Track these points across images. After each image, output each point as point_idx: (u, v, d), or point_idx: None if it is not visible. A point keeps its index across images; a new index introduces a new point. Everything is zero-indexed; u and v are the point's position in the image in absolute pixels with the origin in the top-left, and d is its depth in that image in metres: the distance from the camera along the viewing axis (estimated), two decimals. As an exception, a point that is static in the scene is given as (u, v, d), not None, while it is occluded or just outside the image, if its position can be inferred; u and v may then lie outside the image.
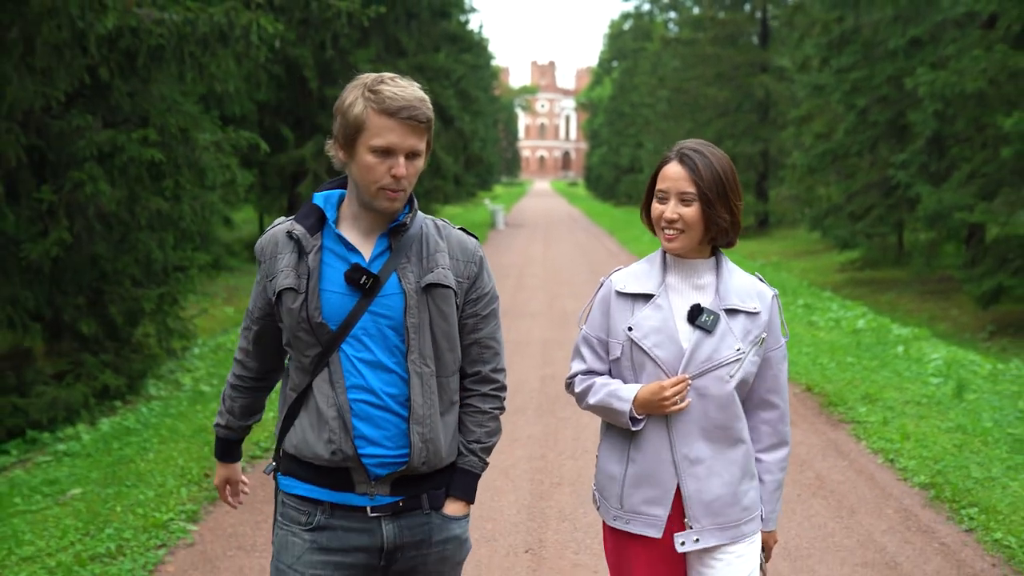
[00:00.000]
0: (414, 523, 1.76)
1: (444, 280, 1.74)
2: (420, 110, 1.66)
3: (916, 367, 7.22)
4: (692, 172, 1.81)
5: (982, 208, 11.69)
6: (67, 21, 4.78)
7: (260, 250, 1.80)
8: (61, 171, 5.86)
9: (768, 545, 1.99)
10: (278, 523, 1.79)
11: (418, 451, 1.72)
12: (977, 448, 5.02)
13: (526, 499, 4.20)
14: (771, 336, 1.90)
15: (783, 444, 1.96)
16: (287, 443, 1.76)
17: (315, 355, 1.71)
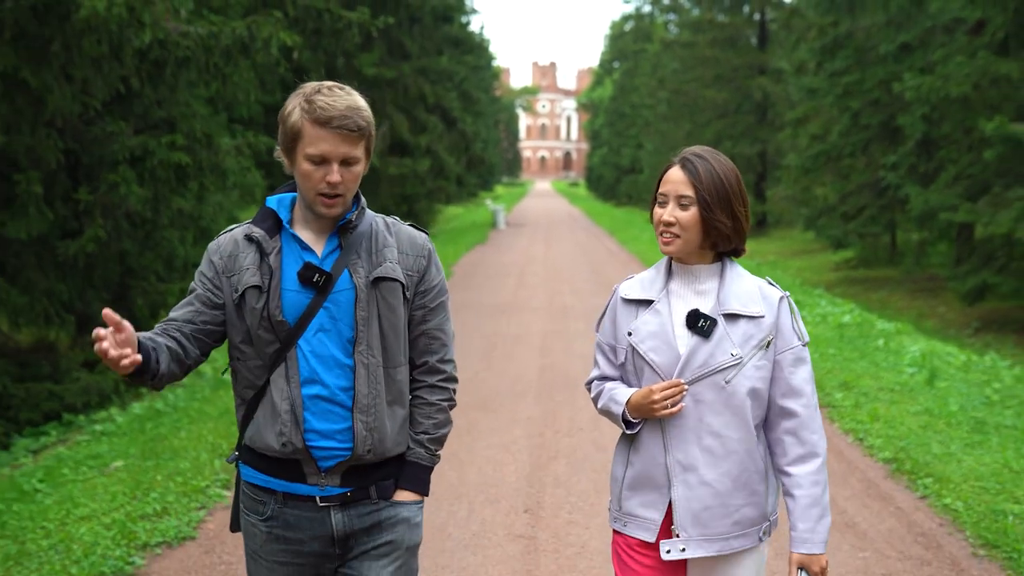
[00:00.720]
0: (363, 511, 1.82)
1: (392, 274, 1.81)
2: (352, 119, 1.71)
3: (894, 358, 7.67)
4: (692, 176, 1.83)
5: (966, 208, 12.12)
6: (107, 36, 5.24)
7: (217, 249, 1.83)
8: (94, 174, 6.32)
9: (812, 570, 1.86)
10: (242, 511, 1.88)
11: (362, 439, 1.77)
12: (940, 428, 5.46)
13: (525, 469, 4.66)
14: (780, 338, 1.87)
15: (813, 455, 1.86)
16: (246, 435, 1.84)
17: (273, 351, 1.77)
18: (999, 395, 6.45)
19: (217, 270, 1.80)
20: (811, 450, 1.85)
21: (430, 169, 22.69)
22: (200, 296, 1.81)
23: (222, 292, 1.80)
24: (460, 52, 27.60)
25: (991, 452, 4.96)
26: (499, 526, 3.90)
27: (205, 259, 1.83)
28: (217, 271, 1.80)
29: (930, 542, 3.85)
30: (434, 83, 22.50)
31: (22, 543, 3.69)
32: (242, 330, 1.79)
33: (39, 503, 4.18)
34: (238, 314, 1.78)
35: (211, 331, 1.82)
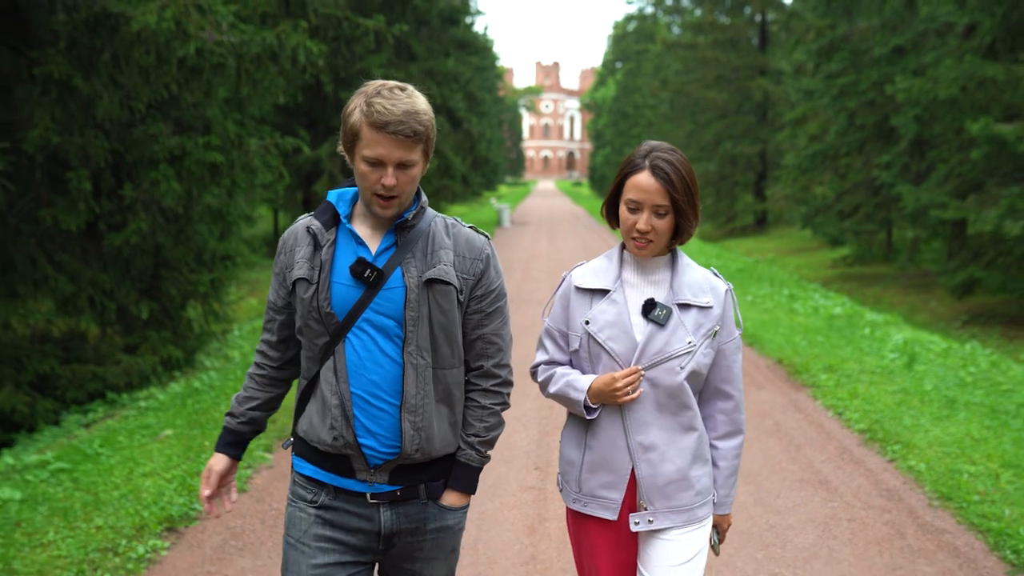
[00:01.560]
0: (411, 511, 1.85)
1: (444, 276, 1.80)
2: (408, 125, 1.71)
3: (878, 345, 8.18)
4: (667, 184, 1.86)
5: (955, 206, 12.62)
6: (154, 47, 5.77)
7: (283, 242, 1.89)
8: (136, 172, 6.85)
9: (722, 528, 2.06)
10: (289, 500, 1.91)
11: (410, 438, 1.79)
12: (914, 405, 5.98)
13: (535, 436, 5.19)
14: (724, 329, 1.96)
15: (738, 432, 2.03)
16: (299, 427, 1.88)
17: (323, 344, 1.79)
18: (973, 377, 6.97)
19: (282, 266, 1.86)
20: (738, 428, 2.02)
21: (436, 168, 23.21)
22: (271, 303, 1.90)
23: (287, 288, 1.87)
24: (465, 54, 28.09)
25: (957, 424, 5.48)
26: (512, 480, 4.43)
27: (277, 255, 1.90)
28: (282, 267, 1.86)
29: (892, 495, 4.37)
30: (440, 84, 23.00)
31: (95, 494, 4.22)
32: (299, 318, 1.83)
33: (104, 463, 4.71)
34: (294, 304, 1.85)
35: (290, 336, 1.92)
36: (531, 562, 3.54)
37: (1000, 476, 4.49)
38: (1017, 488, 4.32)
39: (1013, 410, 5.88)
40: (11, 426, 6.47)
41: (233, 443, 1.94)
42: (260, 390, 1.95)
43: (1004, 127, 11.21)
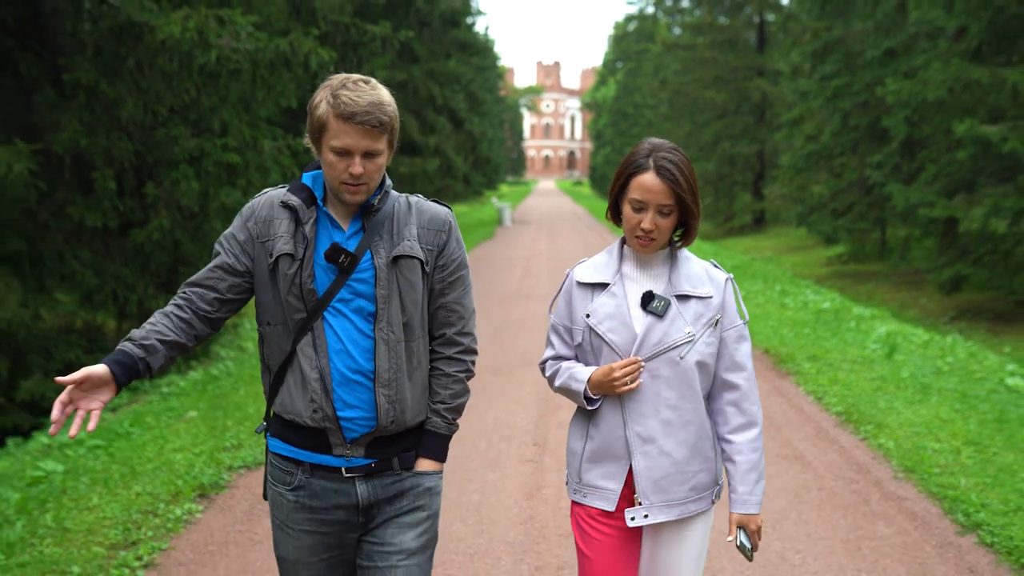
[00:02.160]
0: (386, 481, 1.90)
1: (409, 251, 1.87)
2: (374, 115, 1.76)
3: (861, 337, 8.57)
4: (673, 184, 1.89)
5: (943, 204, 13.00)
6: (177, 55, 6.16)
7: (251, 209, 1.89)
8: (157, 172, 7.25)
9: (750, 528, 2.02)
10: (268, 481, 1.96)
11: (384, 412, 1.85)
12: (890, 391, 6.36)
13: (533, 416, 5.58)
14: (726, 317, 1.99)
15: (752, 424, 2.00)
16: (276, 404, 1.90)
17: (300, 319, 1.83)
18: (949, 366, 7.35)
19: (251, 235, 1.86)
20: (751, 419, 2.00)
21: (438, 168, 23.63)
22: (223, 263, 1.86)
23: (250, 257, 1.86)
24: (467, 55, 28.49)
25: (928, 407, 5.87)
26: (512, 454, 4.83)
27: (238, 222, 1.88)
28: (251, 235, 1.86)
29: (861, 468, 4.76)
30: (442, 85, 23.41)
31: (131, 467, 4.61)
32: (273, 294, 1.84)
33: (136, 440, 5.10)
34: (271, 279, 1.84)
35: (230, 300, 1.88)
36: (529, 522, 3.93)
37: (961, 452, 4.88)
38: (976, 462, 4.71)
39: (983, 395, 6.27)
40: (40, 411, 6.87)
41: (121, 363, 1.74)
42: (172, 330, 1.82)
43: (988, 128, 11.58)
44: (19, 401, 6.73)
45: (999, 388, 6.60)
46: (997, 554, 3.64)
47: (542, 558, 3.55)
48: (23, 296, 6.74)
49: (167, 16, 6.19)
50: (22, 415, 6.73)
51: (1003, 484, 4.34)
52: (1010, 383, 6.78)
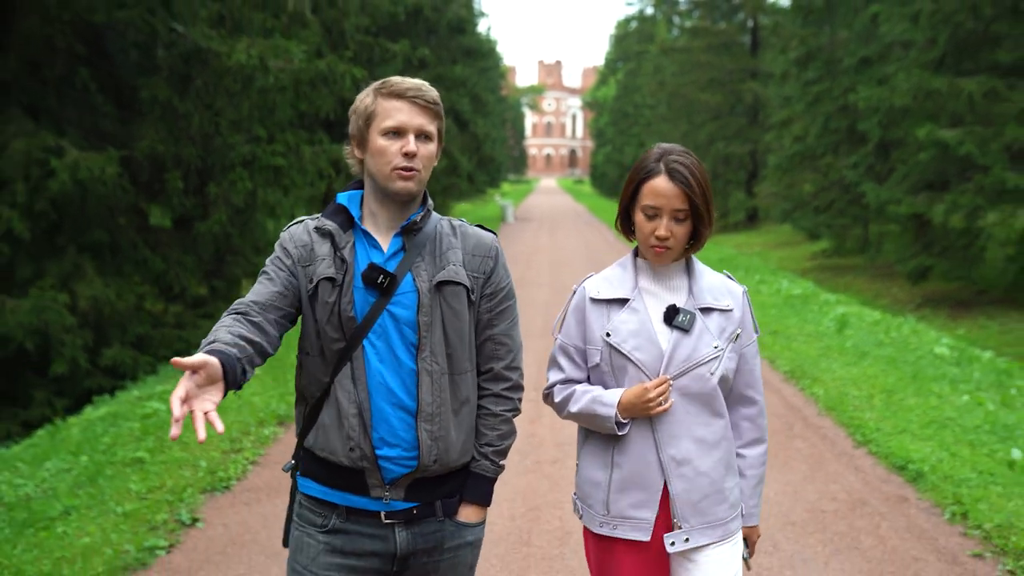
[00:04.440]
0: (427, 530, 1.78)
1: (455, 277, 1.76)
2: (426, 91, 1.72)
3: (820, 316, 9.85)
4: (686, 188, 1.81)
5: (908, 202, 14.27)
6: (241, 76, 7.45)
7: (292, 237, 1.78)
8: (216, 174, 8.55)
9: (751, 540, 2.00)
10: (295, 523, 1.82)
11: (427, 448, 1.73)
12: (832, 355, 7.64)
13: (534, 372, 6.86)
14: (744, 332, 1.92)
15: (763, 439, 1.98)
16: (308, 440, 1.78)
17: (339, 349, 1.72)
18: (890, 339, 8.63)
19: (294, 259, 1.75)
20: (762, 435, 1.98)
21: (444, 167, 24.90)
22: (282, 280, 1.74)
23: (298, 281, 1.75)
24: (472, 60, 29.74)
25: (860, 368, 7.14)
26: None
27: (279, 248, 1.78)
28: (294, 259, 1.75)
29: (792, 408, 6.04)
30: (449, 89, 24.64)
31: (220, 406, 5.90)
32: (311, 323, 1.74)
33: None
34: (311, 306, 1.74)
35: (290, 315, 1.76)
36: (531, 437, 5.23)
37: (875, 397, 6.16)
38: (883, 403, 5.98)
39: (911, 360, 7.55)
40: (118, 376, 8.16)
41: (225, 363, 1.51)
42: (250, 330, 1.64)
43: (946, 132, 12.85)
44: (103, 367, 8.02)
45: (927, 355, 7.88)
46: (877, 458, 4.92)
47: (541, 456, 4.85)
48: (105, 279, 8.04)
49: (231, 44, 7.47)
50: (105, 378, 8.02)
51: (898, 417, 5.62)
52: (937, 351, 8.05)
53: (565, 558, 3.56)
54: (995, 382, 6.86)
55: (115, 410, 6.16)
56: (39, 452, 5.23)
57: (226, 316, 1.67)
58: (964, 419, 5.55)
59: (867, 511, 4.15)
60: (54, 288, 7.41)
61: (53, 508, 4.00)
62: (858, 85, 16.66)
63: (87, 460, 4.77)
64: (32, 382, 7.78)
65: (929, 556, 3.65)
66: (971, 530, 3.88)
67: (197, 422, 1.40)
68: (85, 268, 7.77)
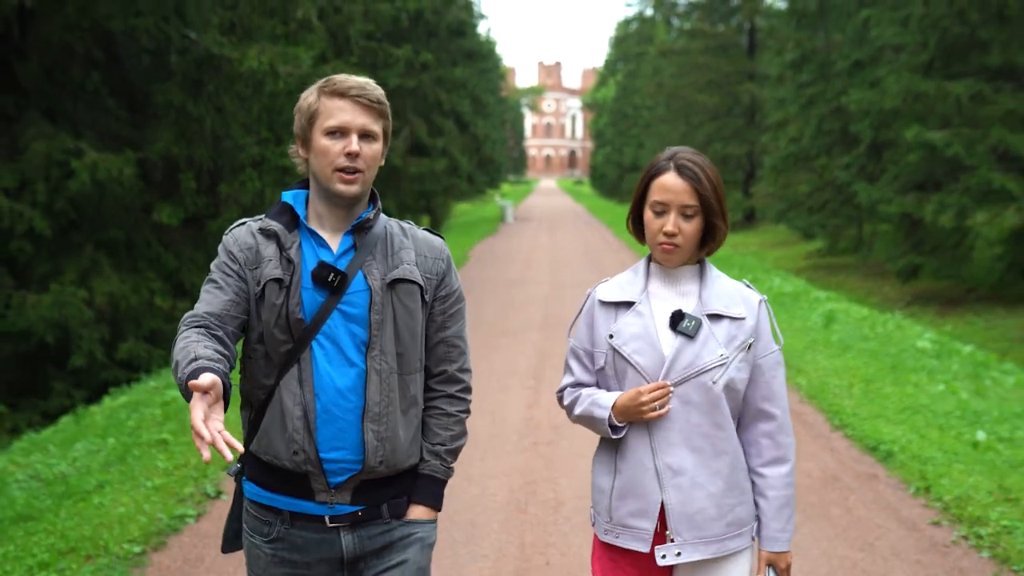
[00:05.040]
0: (374, 532, 1.75)
1: (410, 275, 1.74)
2: (369, 91, 1.68)
3: (809, 312, 10.20)
4: (695, 183, 1.78)
5: (898, 201, 14.62)
6: (252, 82, 7.79)
7: (234, 241, 1.73)
8: (226, 174, 8.89)
9: (779, 567, 1.90)
10: (245, 532, 1.80)
11: (373, 450, 1.70)
12: (817, 348, 7.99)
13: (533, 361, 7.23)
14: (760, 342, 1.87)
15: (785, 459, 1.88)
16: (253, 443, 1.74)
17: (285, 352, 1.68)
18: (875, 334, 8.98)
19: (240, 262, 1.71)
20: (785, 453, 1.88)
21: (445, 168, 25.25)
22: (232, 287, 1.69)
23: (247, 284, 1.70)
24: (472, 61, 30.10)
25: (842, 360, 7.49)
26: (516, 385, 6.47)
27: (223, 251, 1.73)
28: (240, 263, 1.71)
29: (776, 396, 6.38)
30: (449, 91, 24.99)
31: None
32: (258, 327, 1.70)
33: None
34: (257, 310, 1.70)
35: (242, 323, 1.71)
36: (530, 420, 5.58)
37: (855, 386, 6.50)
38: (862, 392, 6.33)
39: (893, 353, 7.89)
40: (132, 368, 8.51)
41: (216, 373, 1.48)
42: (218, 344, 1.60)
43: (934, 134, 13.20)
44: (118, 360, 8.37)
45: (908, 348, 8.22)
46: (852, 440, 5.27)
47: (538, 438, 5.21)
48: (121, 275, 8.39)
49: (243, 51, 7.82)
50: (120, 371, 8.36)
51: (874, 403, 5.97)
52: (919, 345, 8.40)
53: (558, 524, 3.91)
54: (971, 373, 7.21)
55: (135, 398, 6.51)
56: (67, 436, 5.57)
57: (187, 330, 1.61)
58: (937, 405, 5.90)
59: (838, 486, 4.49)
60: (73, 284, 7.76)
61: (88, 483, 4.34)
62: (850, 88, 17.01)
63: (114, 442, 5.11)
64: (51, 374, 8.13)
65: (891, 524, 3.99)
66: (932, 502, 4.23)
67: (219, 444, 1.38)
68: (102, 265, 8.12)
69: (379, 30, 11.11)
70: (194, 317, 1.65)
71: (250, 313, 1.71)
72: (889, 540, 3.82)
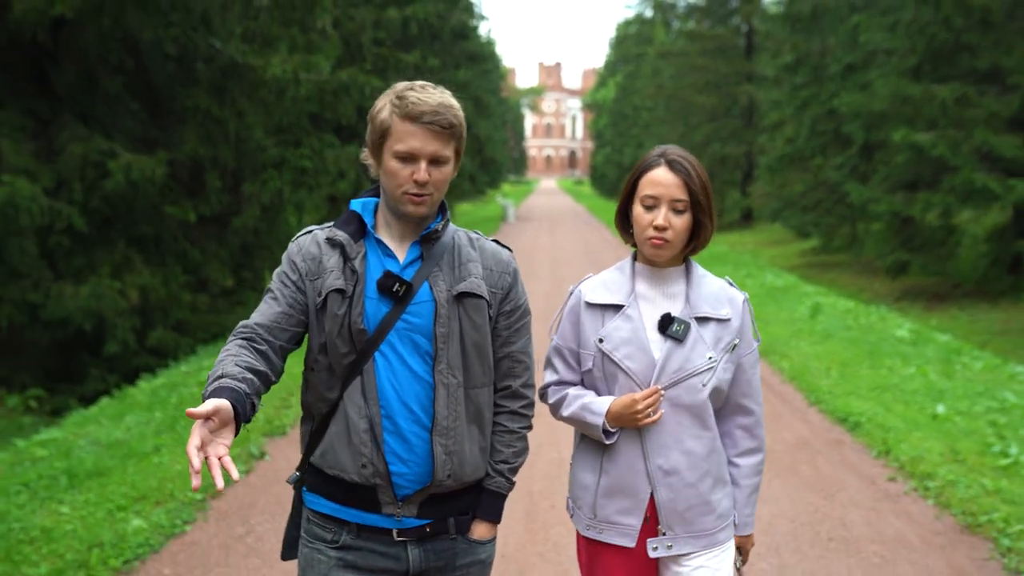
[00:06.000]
0: (440, 547, 1.77)
1: (477, 289, 1.74)
2: (443, 116, 1.65)
3: (797, 305, 10.77)
4: (685, 178, 1.79)
5: (887, 200, 15.19)
6: (275, 88, 8.36)
7: (300, 248, 1.74)
8: (248, 174, 9.47)
9: (745, 548, 1.99)
10: (303, 540, 1.79)
11: (441, 463, 1.71)
12: (803, 336, 8.56)
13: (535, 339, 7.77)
14: (743, 341, 1.89)
15: (759, 449, 1.96)
16: (316, 456, 1.74)
17: (349, 363, 1.68)
18: (857, 323, 9.55)
19: (301, 273, 1.71)
20: (759, 445, 1.95)
21: (449, 168, 25.75)
22: (287, 298, 1.70)
23: (305, 296, 1.71)
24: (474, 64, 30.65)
25: (824, 346, 8.06)
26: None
27: (286, 261, 1.74)
28: (301, 274, 1.71)
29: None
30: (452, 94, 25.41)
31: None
32: (320, 337, 1.70)
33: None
34: (318, 320, 1.69)
35: (296, 335, 1.72)
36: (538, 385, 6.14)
37: (832, 368, 7.07)
38: (839, 373, 6.89)
39: (872, 341, 8.46)
40: (161, 356, 9.08)
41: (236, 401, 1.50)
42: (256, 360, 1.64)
43: (920, 136, 13.77)
44: (148, 347, 8.94)
45: (887, 337, 8.80)
46: (825, 413, 5.84)
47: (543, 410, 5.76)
48: (151, 268, 8.96)
49: (267, 58, 8.39)
50: (151, 358, 8.93)
51: (849, 383, 6.54)
52: (897, 334, 8.97)
53: (561, 478, 4.47)
54: (943, 358, 7.77)
55: (172, 380, 7.08)
56: (115, 411, 6.14)
57: (232, 341, 1.67)
58: (906, 385, 6.47)
59: (809, 450, 5.07)
60: (108, 277, 8.33)
61: (145, 446, 4.92)
62: (842, 91, 17.58)
63: (161, 415, 5.68)
64: (86, 361, 8.70)
65: (852, 480, 4.57)
66: (890, 463, 4.80)
67: (214, 470, 1.39)
68: (133, 259, 8.69)
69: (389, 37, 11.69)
70: (244, 328, 1.69)
71: (309, 325, 1.72)
72: (849, 492, 4.38)
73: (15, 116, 8.26)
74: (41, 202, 7.71)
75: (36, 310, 8.01)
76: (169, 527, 3.82)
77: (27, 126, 8.36)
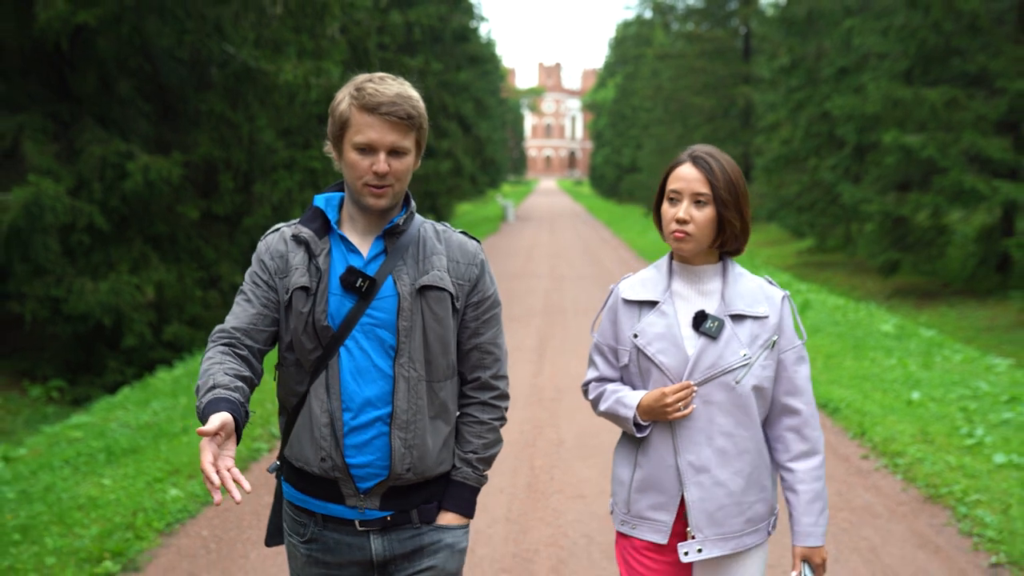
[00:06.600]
0: (404, 536, 1.78)
1: (439, 282, 1.74)
2: (400, 106, 1.64)
3: (788, 301, 11.14)
4: (707, 173, 1.83)
5: (878, 201, 15.58)
6: (287, 92, 8.74)
7: (267, 247, 1.76)
8: (260, 175, 9.85)
9: (814, 561, 1.92)
10: (284, 529, 1.87)
11: (400, 457, 1.71)
12: (791, 331, 8.93)
13: (536, 342, 8.17)
14: (783, 338, 1.89)
15: (814, 452, 1.92)
16: (286, 449, 1.79)
17: (315, 359, 1.70)
18: (844, 319, 9.94)
19: (270, 271, 1.74)
20: (813, 447, 1.92)
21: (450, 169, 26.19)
22: (260, 298, 1.74)
23: (277, 293, 1.74)
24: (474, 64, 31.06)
25: (811, 340, 8.43)
26: (523, 358, 7.43)
27: (256, 260, 1.77)
28: (271, 272, 1.74)
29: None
30: (454, 95, 25.94)
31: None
32: (287, 335, 1.74)
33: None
34: (286, 317, 1.73)
35: (272, 335, 1.75)
36: (535, 389, 6.53)
37: (819, 359, 7.45)
38: (825, 364, 7.27)
39: (859, 335, 8.84)
40: (176, 349, 9.46)
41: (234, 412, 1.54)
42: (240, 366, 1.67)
43: (910, 138, 14.15)
44: (164, 341, 9.32)
45: (873, 332, 9.18)
46: (808, 400, 6.22)
47: (543, 395, 6.17)
48: (167, 265, 9.34)
49: (279, 64, 8.76)
50: (166, 351, 9.32)
51: (832, 373, 6.92)
52: (883, 329, 9.35)
53: (560, 454, 4.86)
54: (924, 351, 8.15)
55: (190, 370, 7.45)
56: (139, 399, 6.52)
57: (213, 347, 1.70)
58: (886, 375, 6.85)
59: (791, 432, 5.44)
60: (127, 273, 8.71)
61: (174, 427, 5.29)
62: (835, 94, 17.96)
63: (185, 400, 6.06)
64: (105, 354, 9.08)
65: (829, 458, 4.94)
66: (865, 443, 5.18)
67: (228, 483, 1.43)
68: (150, 257, 9.07)
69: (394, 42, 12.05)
70: (223, 332, 1.73)
71: (279, 322, 1.75)
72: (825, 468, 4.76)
73: (37, 119, 8.64)
74: (64, 201, 8.09)
75: (58, 305, 8.39)
76: (204, 496, 4.21)
77: (49, 128, 8.75)
